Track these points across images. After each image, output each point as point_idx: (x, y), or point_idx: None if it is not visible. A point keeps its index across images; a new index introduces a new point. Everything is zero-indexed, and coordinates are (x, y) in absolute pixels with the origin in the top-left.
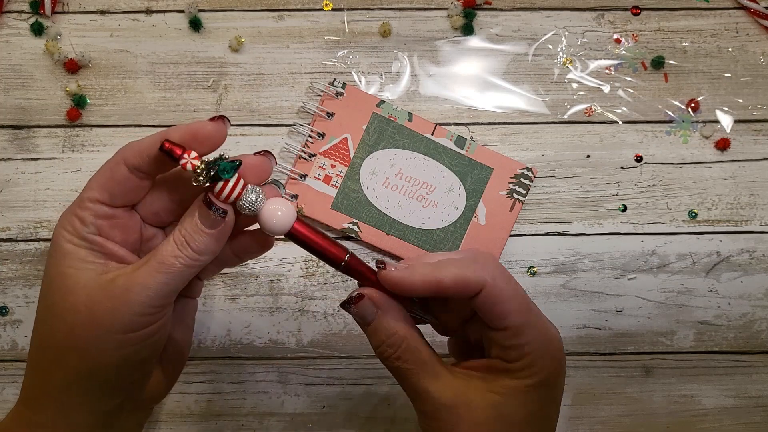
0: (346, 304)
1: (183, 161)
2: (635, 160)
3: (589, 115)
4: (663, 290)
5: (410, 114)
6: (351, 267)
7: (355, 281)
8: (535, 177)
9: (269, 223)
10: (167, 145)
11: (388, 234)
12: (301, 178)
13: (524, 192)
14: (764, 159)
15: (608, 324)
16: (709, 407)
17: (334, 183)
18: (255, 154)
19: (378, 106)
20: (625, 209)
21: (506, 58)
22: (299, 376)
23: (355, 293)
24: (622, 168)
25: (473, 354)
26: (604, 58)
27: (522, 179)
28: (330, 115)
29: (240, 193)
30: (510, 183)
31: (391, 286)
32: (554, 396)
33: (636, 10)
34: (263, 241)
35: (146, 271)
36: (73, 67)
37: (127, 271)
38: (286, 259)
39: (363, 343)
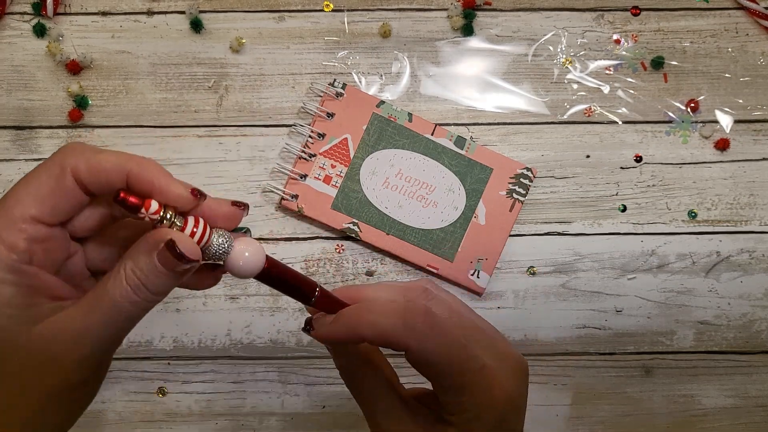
0: (304, 329)
1: (141, 215)
2: (635, 160)
3: (589, 116)
4: (663, 290)
5: (410, 114)
6: (320, 304)
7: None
8: (534, 177)
9: (236, 267)
10: (122, 194)
11: (388, 234)
12: (301, 178)
13: (524, 192)
14: (764, 159)
15: (608, 324)
16: (708, 407)
17: (334, 183)
18: (232, 204)
19: (378, 106)
20: (624, 209)
21: (506, 58)
22: (299, 376)
23: (306, 321)
24: (621, 168)
25: None
26: (604, 59)
27: (522, 179)
28: (330, 115)
29: (208, 240)
30: (510, 183)
31: (322, 342)
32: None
33: (636, 11)
34: (216, 276)
35: (95, 317)
36: (74, 68)
37: (67, 320)
38: (286, 259)
39: None
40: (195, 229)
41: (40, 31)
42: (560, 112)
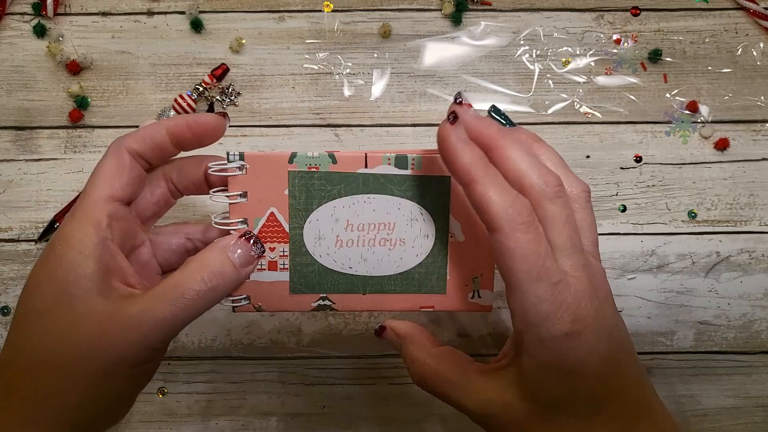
0: (375, 334)
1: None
2: (635, 160)
3: (589, 116)
4: (663, 290)
5: (332, 156)
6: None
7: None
8: None
9: None
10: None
11: (364, 294)
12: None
13: None
14: (763, 159)
15: None
16: (708, 407)
17: (282, 266)
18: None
19: (291, 161)
20: (624, 209)
21: (506, 58)
22: (299, 376)
23: (378, 326)
24: (621, 168)
25: None
26: (604, 59)
27: None
28: (243, 195)
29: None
30: None
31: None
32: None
33: (635, 11)
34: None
35: (166, 304)
36: (75, 68)
37: (142, 302)
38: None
39: (363, 343)
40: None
41: (40, 32)
42: (560, 112)
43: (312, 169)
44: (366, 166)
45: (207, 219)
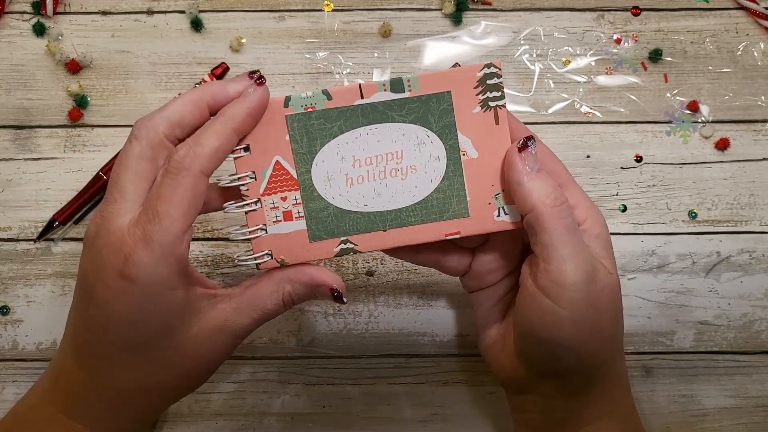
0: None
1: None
2: (635, 160)
3: (589, 116)
4: (663, 290)
5: (326, 91)
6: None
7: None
8: (500, 69)
9: None
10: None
11: (385, 231)
12: (262, 232)
13: (499, 94)
14: (764, 159)
15: None
16: (709, 407)
17: (297, 214)
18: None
19: (286, 105)
20: (625, 209)
21: (506, 58)
22: (299, 376)
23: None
24: (622, 168)
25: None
26: (604, 59)
27: (488, 81)
28: (246, 149)
29: None
30: (478, 94)
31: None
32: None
33: (636, 11)
34: None
35: (249, 319)
36: (74, 67)
37: (234, 319)
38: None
39: (363, 343)
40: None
41: (39, 31)
42: (560, 112)
43: (309, 110)
44: (362, 97)
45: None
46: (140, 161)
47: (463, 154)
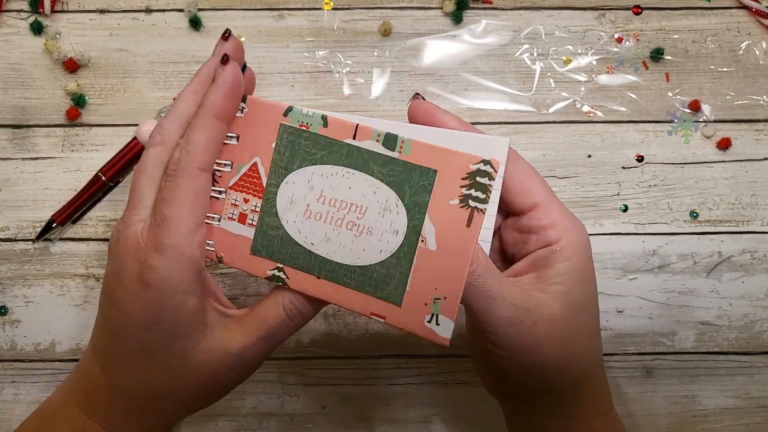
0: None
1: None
2: (636, 159)
3: (591, 115)
4: (664, 290)
5: (324, 117)
6: None
7: None
8: (496, 172)
9: None
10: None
11: (318, 278)
12: (215, 220)
13: (483, 197)
14: (766, 159)
15: (609, 324)
16: (710, 408)
17: (250, 221)
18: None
19: (285, 114)
20: (626, 209)
21: (507, 57)
22: (299, 376)
23: None
24: (623, 168)
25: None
26: (605, 58)
27: (479, 178)
28: (235, 137)
29: None
30: (463, 187)
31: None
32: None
33: (637, 10)
34: None
35: (262, 343)
36: (72, 66)
37: (240, 339)
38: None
39: (363, 343)
40: None
41: (37, 29)
42: (561, 111)
43: (302, 127)
44: (354, 138)
45: None
46: (157, 167)
47: (422, 241)
